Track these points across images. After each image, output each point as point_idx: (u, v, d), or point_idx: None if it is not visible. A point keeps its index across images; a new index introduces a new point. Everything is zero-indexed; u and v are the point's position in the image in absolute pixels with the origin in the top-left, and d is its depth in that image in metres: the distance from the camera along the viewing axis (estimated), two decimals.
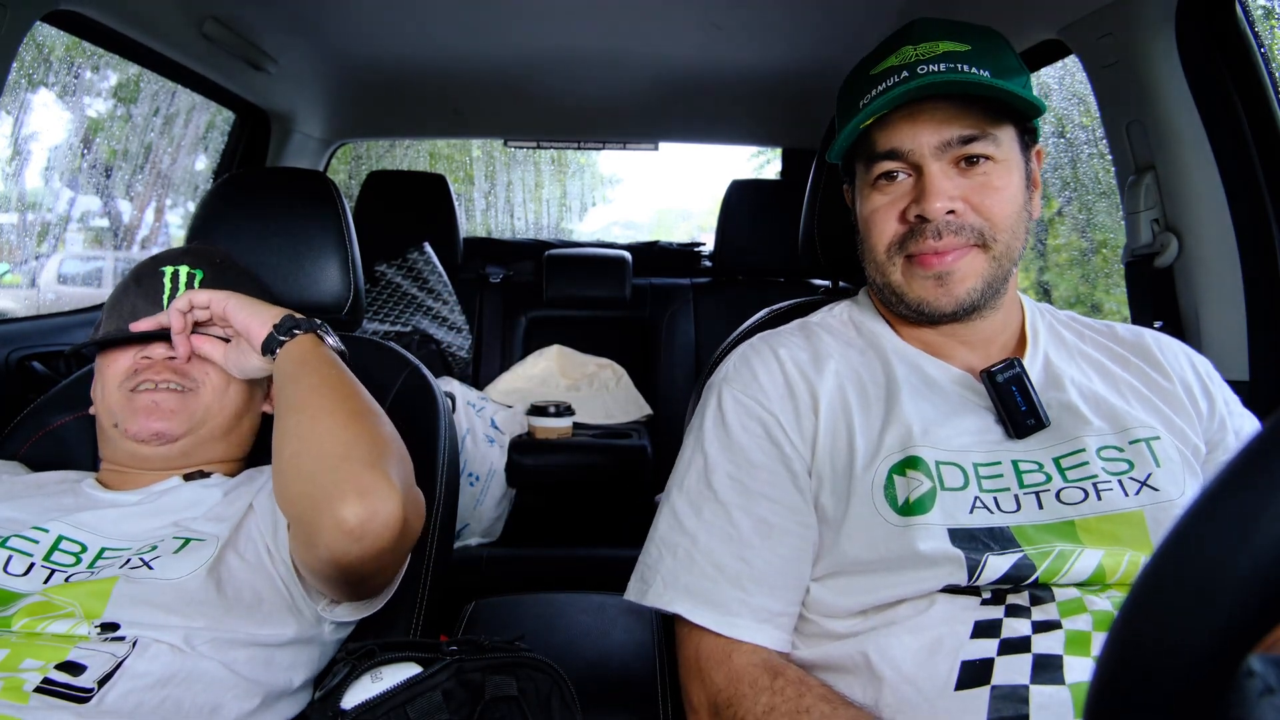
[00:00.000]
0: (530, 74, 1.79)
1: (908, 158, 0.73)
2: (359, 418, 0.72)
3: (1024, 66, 0.75)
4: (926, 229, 0.72)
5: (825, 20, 1.47)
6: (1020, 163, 0.74)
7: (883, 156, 0.74)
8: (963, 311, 0.74)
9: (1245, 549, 0.23)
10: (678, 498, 0.75)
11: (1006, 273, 0.74)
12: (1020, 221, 0.73)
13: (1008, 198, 0.72)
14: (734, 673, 0.66)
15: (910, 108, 0.72)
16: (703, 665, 0.69)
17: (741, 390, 0.77)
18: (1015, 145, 0.73)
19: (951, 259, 0.72)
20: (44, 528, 0.76)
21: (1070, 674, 0.57)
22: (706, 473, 0.74)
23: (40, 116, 2.00)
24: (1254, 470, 0.25)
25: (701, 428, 0.78)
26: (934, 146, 0.71)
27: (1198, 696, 0.24)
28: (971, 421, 0.72)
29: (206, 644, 0.69)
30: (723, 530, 0.71)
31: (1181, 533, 0.26)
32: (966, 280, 0.73)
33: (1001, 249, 0.72)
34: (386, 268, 2.09)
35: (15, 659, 0.64)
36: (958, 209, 0.71)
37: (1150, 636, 0.25)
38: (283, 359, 0.78)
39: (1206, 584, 0.24)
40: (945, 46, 0.72)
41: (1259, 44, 0.97)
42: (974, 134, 0.71)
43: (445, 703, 0.63)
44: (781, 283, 2.17)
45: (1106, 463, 0.69)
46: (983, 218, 0.72)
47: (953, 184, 0.71)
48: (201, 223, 1.06)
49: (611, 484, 1.86)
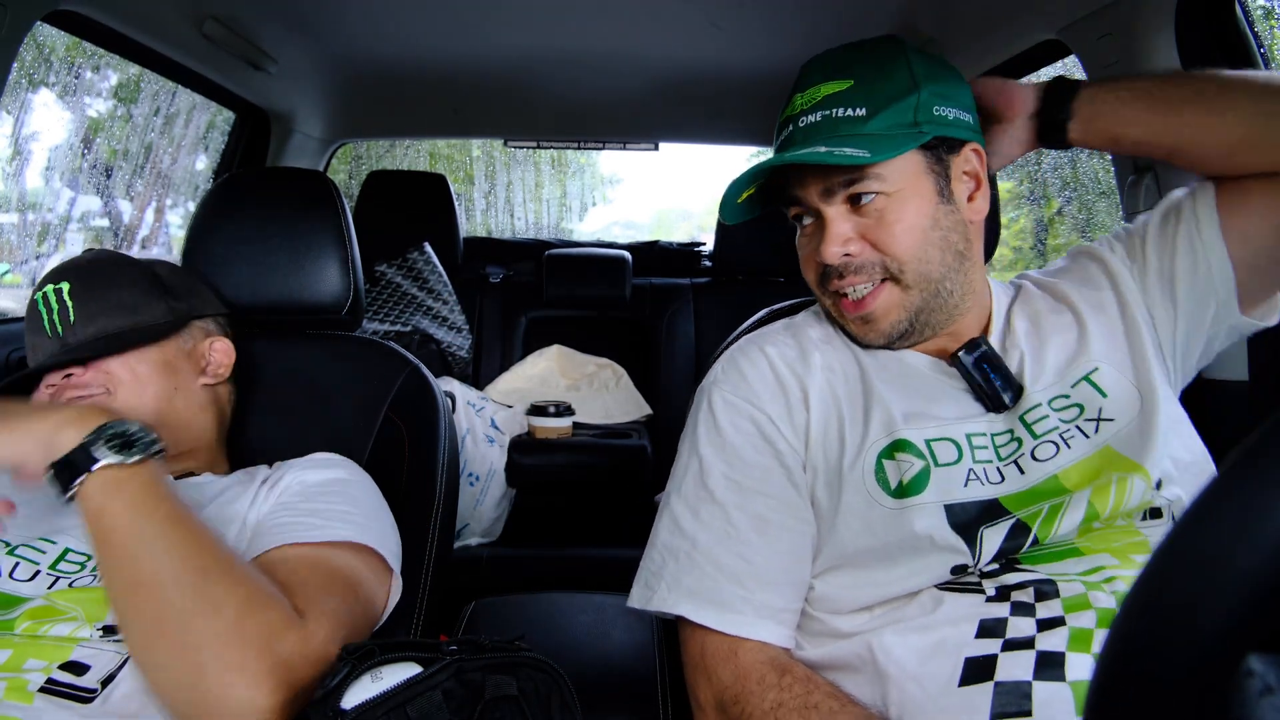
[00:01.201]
0: (530, 74, 1.79)
1: (804, 202, 0.76)
2: (196, 614, 0.58)
3: (919, 81, 0.72)
4: (832, 270, 0.75)
5: (825, 20, 1.47)
6: (926, 183, 0.73)
7: (789, 202, 0.78)
8: (896, 340, 0.77)
9: (1245, 548, 0.23)
10: (676, 502, 0.76)
11: (934, 293, 0.75)
12: (929, 245, 0.73)
13: (905, 228, 0.72)
14: (740, 670, 0.67)
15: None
16: (708, 663, 0.69)
17: (731, 391, 0.77)
18: (913, 169, 0.72)
19: (869, 302, 0.75)
20: (52, 540, 0.77)
21: (1071, 671, 0.57)
22: (702, 475, 0.75)
23: (41, 116, 2.00)
24: (1253, 470, 0.25)
25: (695, 432, 0.78)
26: (819, 194, 0.74)
27: (1197, 696, 0.24)
28: (953, 401, 0.74)
29: None
30: (721, 530, 0.72)
31: (1181, 532, 0.26)
32: (889, 315, 0.75)
33: (913, 276, 0.73)
34: (386, 268, 2.09)
35: (18, 659, 0.64)
36: (854, 250, 0.73)
37: (1150, 636, 0.25)
38: (82, 514, 0.62)
39: (1206, 583, 0.24)
40: (825, 90, 0.74)
41: (1259, 44, 0.97)
42: (853, 177, 0.72)
43: (445, 703, 0.63)
44: (781, 283, 2.17)
45: (1060, 413, 0.72)
46: (881, 253, 0.73)
47: (849, 224, 0.73)
48: (201, 223, 1.05)
49: (611, 484, 1.86)
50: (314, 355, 1.09)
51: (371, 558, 0.77)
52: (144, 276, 0.91)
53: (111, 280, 0.88)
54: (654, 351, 2.16)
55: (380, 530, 0.81)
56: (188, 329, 0.93)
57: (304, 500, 0.80)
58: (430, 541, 0.94)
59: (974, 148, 0.77)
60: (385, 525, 0.83)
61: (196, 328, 0.94)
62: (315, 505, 0.79)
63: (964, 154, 0.76)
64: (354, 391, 1.06)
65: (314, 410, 1.05)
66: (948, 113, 0.73)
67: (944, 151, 0.74)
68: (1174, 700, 0.24)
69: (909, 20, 1.42)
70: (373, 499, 0.86)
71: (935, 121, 0.72)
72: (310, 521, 0.76)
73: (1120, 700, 0.26)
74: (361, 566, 0.75)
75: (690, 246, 2.57)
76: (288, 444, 1.01)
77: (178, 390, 0.89)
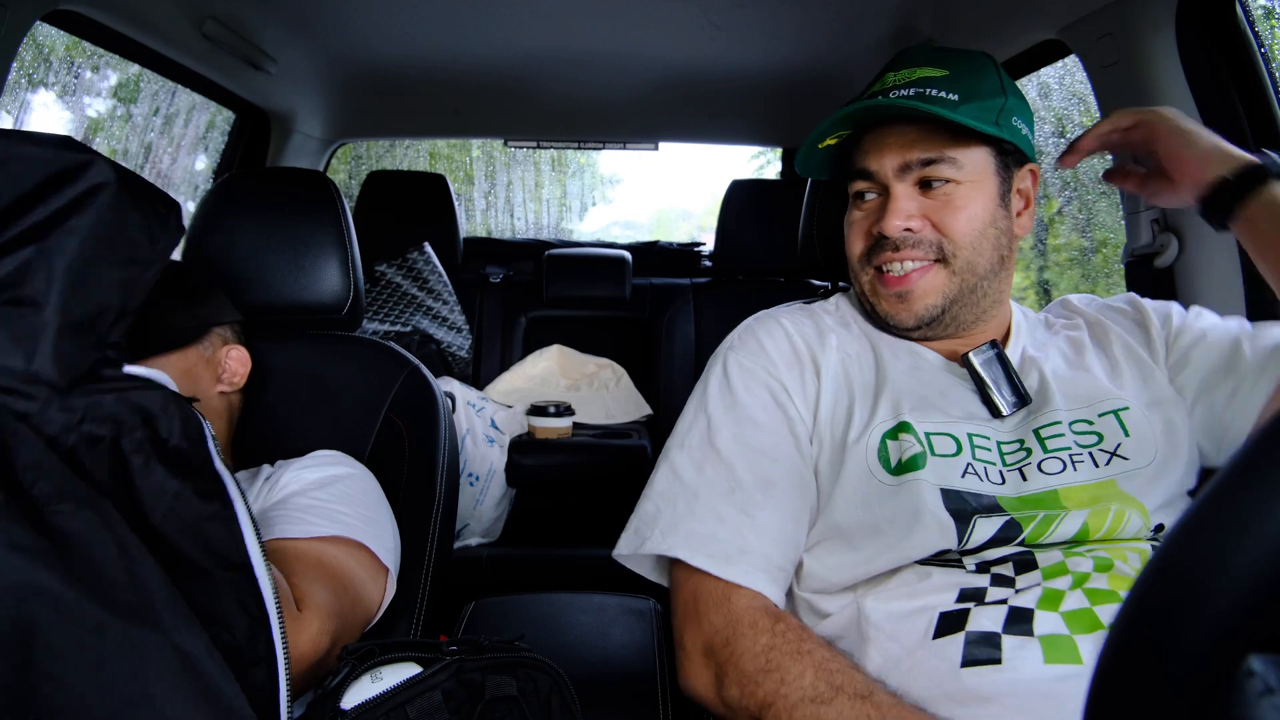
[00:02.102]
0: (530, 74, 1.79)
1: (875, 177, 0.78)
2: None
3: (1006, 91, 0.76)
4: (886, 243, 0.77)
5: (825, 20, 1.47)
6: (992, 183, 0.77)
7: (856, 175, 0.80)
8: (924, 325, 0.78)
9: (1246, 548, 0.23)
10: (678, 455, 0.76)
11: (974, 287, 0.77)
12: (985, 239, 0.76)
13: (968, 216, 0.75)
14: (733, 615, 0.67)
15: (877, 131, 0.77)
16: (700, 608, 0.69)
17: (747, 357, 0.79)
18: (985, 167, 0.76)
19: (913, 278, 0.77)
20: None
21: (1040, 626, 0.60)
22: (710, 433, 0.75)
23: (40, 116, 2.00)
24: (1254, 469, 0.25)
25: (705, 392, 0.79)
26: (895, 168, 0.76)
27: (1197, 696, 0.24)
28: (960, 400, 0.75)
29: None
30: (725, 485, 0.72)
31: (1182, 531, 0.26)
32: (926, 296, 0.77)
33: (962, 264, 0.76)
34: (386, 268, 2.09)
35: None
36: (915, 226, 0.76)
37: (1150, 636, 0.25)
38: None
39: (1206, 583, 0.24)
40: (921, 73, 0.76)
41: (1259, 44, 0.97)
42: (933, 157, 0.75)
43: (445, 703, 0.63)
44: (781, 283, 2.17)
45: (1078, 436, 0.72)
46: (941, 234, 0.76)
47: (914, 203, 0.76)
48: (201, 223, 1.05)
49: (611, 484, 1.86)
50: (314, 355, 1.09)
51: (363, 554, 0.77)
52: (168, 281, 0.91)
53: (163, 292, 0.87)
54: (654, 351, 2.15)
55: (375, 528, 0.81)
56: (208, 336, 0.93)
57: (299, 496, 0.80)
58: (430, 541, 0.94)
59: (1032, 168, 0.80)
60: (382, 523, 0.83)
61: (215, 335, 0.95)
62: (309, 502, 0.80)
63: (1023, 171, 0.80)
64: (354, 392, 1.06)
65: (314, 410, 1.05)
66: (1022, 127, 0.77)
67: (1012, 162, 0.78)
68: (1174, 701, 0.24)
69: (909, 20, 1.42)
70: (371, 496, 0.86)
71: (1013, 130, 0.76)
72: (302, 517, 0.77)
73: (1120, 702, 0.26)
74: (353, 562, 0.75)
75: (690, 246, 2.57)
76: (288, 444, 1.01)
77: (198, 400, 0.90)
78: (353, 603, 0.73)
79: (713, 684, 0.66)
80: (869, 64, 1.61)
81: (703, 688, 0.68)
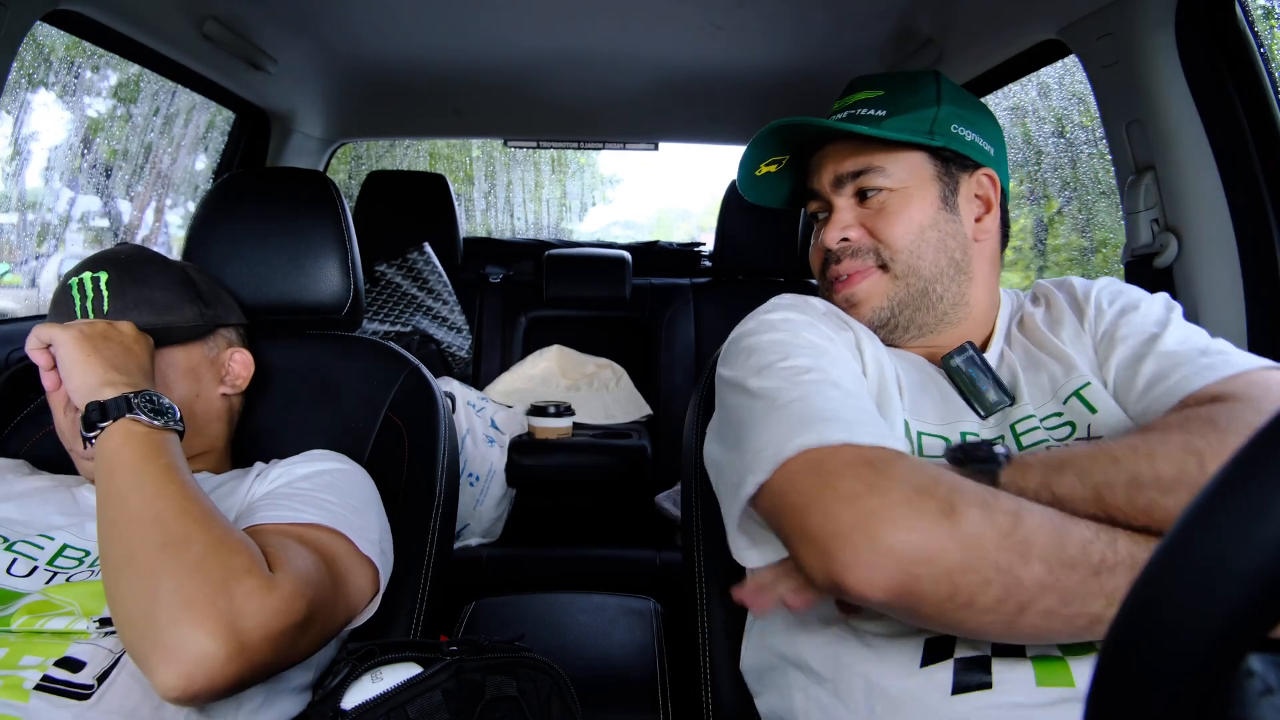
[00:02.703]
0: (530, 74, 1.79)
1: (820, 195, 0.83)
2: (164, 546, 0.61)
3: (941, 100, 0.80)
4: (831, 255, 0.81)
5: (825, 20, 1.47)
6: (932, 189, 0.79)
7: (808, 198, 0.85)
8: (877, 328, 0.79)
9: (1246, 547, 0.23)
10: (759, 388, 0.66)
11: (922, 292, 0.78)
12: (924, 243, 0.78)
13: (903, 221, 0.78)
14: (909, 466, 0.56)
15: (818, 153, 0.83)
16: (869, 477, 0.55)
17: (789, 312, 0.75)
18: (921, 173, 0.79)
19: (851, 284, 0.80)
20: (50, 535, 0.77)
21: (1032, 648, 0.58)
22: (788, 361, 0.67)
23: (40, 116, 2.00)
24: (1254, 469, 0.25)
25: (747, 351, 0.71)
26: (830, 182, 0.81)
27: (1197, 696, 0.24)
28: (948, 402, 0.76)
29: None
30: (823, 381, 0.64)
31: (1181, 531, 0.26)
32: (870, 300, 0.79)
33: (902, 268, 0.78)
34: (386, 268, 2.09)
35: (14, 656, 0.64)
36: (853, 236, 0.79)
37: (1150, 636, 0.25)
38: (97, 454, 0.68)
39: (1206, 583, 0.24)
40: (859, 97, 0.81)
41: (1259, 44, 0.97)
42: (862, 168, 0.78)
43: (445, 703, 0.63)
44: (781, 283, 2.17)
45: (1051, 430, 0.72)
46: (878, 241, 0.78)
47: (851, 214, 0.80)
48: (201, 222, 1.06)
49: (611, 484, 1.86)
50: (314, 355, 1.09)
51: (345, 544, 0.75)
52: (178, 278, 0.91)
53: (148, 277, 0.88)
54: (654, 351, 2.16)
55: (359, 519, 0.79)
56: (214, 336, 0.94)
57: (286, 488, 0.80)
58: (430, 541, 0.94)
59: (987, 173, 0.81)
60: (368, 518, 0.81)
61: (221, 336, 0.96)
62: (295, 491, 0.79)
63: (976, 176, 0.81)
64: (354, 392, 1.06)
65: (314, 411, 1.05)
66: (964, 133, 0.79)
67: (955, 167, 0.80)
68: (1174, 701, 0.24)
69: (909, 20, 1.42)
70: (361, 492, 0.84)
71: (950, 136, 0.79)
72: (286, 504, 0.76)
73: (1121, 702, 0.26)
74: (334, 547, 0.73)
75: (690, 246, 2.57)
76: (288, 444, 1.01)
77: (199, 397, 0.91)
78: (334, 584, 0.70)
79: (940, 511, 0.52)
80: (869, 64, 1.61)
81: (924, 523, 0.51)
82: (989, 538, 0.51)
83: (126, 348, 0.78)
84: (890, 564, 0.51)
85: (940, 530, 0.51)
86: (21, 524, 0.78)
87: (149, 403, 0.71)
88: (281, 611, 0.61)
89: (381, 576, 0.79)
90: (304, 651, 0.67)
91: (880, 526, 0.51)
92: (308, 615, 0.64)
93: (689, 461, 0.96)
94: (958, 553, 0.50)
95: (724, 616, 0.87)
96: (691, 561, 0.91)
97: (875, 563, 0.51)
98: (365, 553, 0.76)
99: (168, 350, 0.88)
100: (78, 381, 0.72)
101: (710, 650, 0.86)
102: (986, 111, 0.84)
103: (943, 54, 1.43)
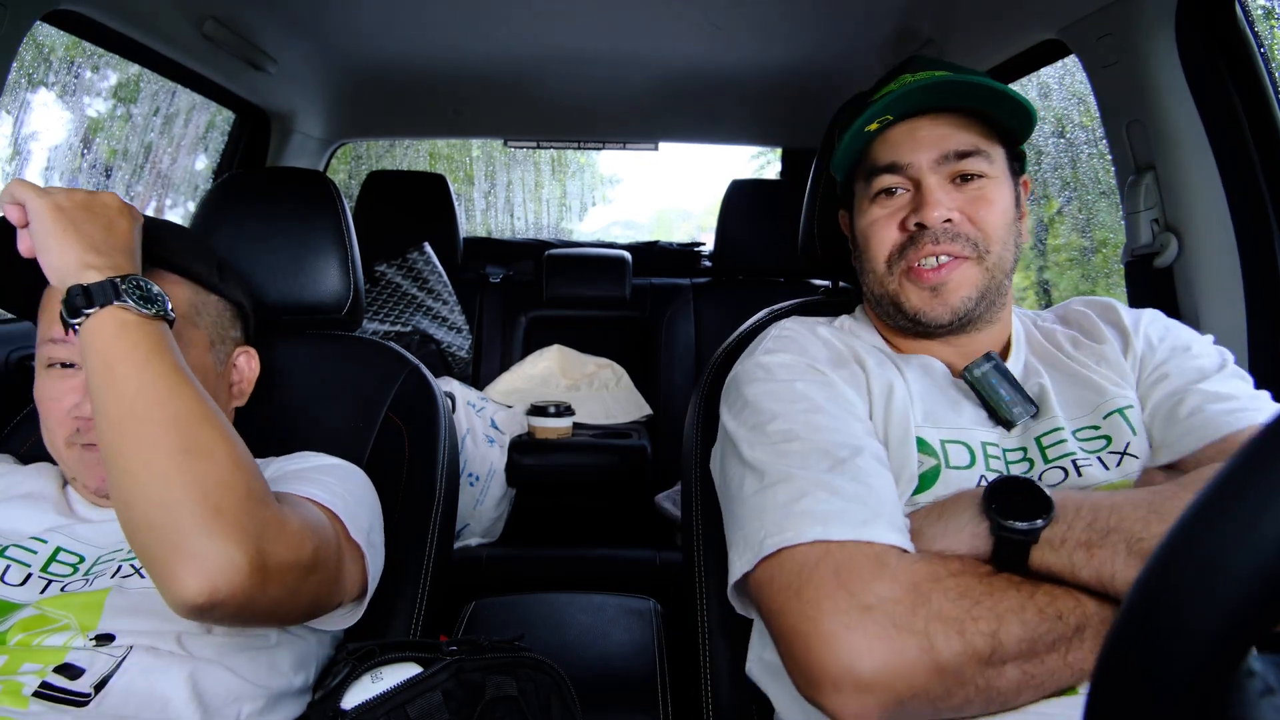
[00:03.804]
0: (530, 74, 1.79)
1: (906, 171, 0.76)
2: (188, 452, 0.59)
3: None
4: (925, 236, 0.75)
5: (825, 20, 1.47)
6: (1009, 184, 0.78)
7: (883, 170, 0.77)
8: (958, 321, 0.76)
9: (1246, 548, 0.23)
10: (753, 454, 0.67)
11: (1000, 285, 0.77)
12: (1010, 236, 0.77)
13: (1000, 210, 0.76)
14: (904, 574, 0.56)
15: (910, 123, 0.76)
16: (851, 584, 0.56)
17: (786, 355, 0.75)
18: (1005, 167, 0.78)
19: (945, 271, 0.75)
20: (43, 539, 0.76)
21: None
22: (777, 424, 0.68)
23: (40, 116, 2.00)
24: (1254, 469, 0.25)
25: (745, 403, 0.72)
26: (932, 160, 0.75)
27: (1197, 696, 0.24)
28: (968, 411, 0.75)
29: (204, 648, 0.69)
30: (817, 458, 0.64)
31: (1182, 531, 0.26)
32: (960, 289, 0.75)
33: (994, 260, 0.76)
34: (386, 268, 2.09)
35: (13, 664, 0.64)
36: (954, 219, 0.75)
37: (1150, 636, 0.25)
38: (85, 344, 0.62)
39: (1207, 583, 0.24)
40: (941, 75, 0.76)
41: (1259, 44, 0.97)
42: (970, 149, 0.74)
43: (445, 703, 0.63)
44: (781, 283, 2.17)
45: (1083, 442, 0.72)
46: (977, 229, 0.75)
47: (950, 197, 0.75)
48: (201, 223, 1.05)
49: (611, 484, 1.86)
50: (314, 355, 1.09)
51: (339, 525, 0.74)
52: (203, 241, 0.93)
53: (185, 233, 0.90)
54: (654, 351, 2.16)
55: (355, 509, 0.77)
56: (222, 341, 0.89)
57: (279, 478, 0.78)
58: (430, 541, 0.94)
59: (1025, 180, 0.82)
60: (363, 509, 0.80)
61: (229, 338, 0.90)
62: (289, 471, 0.79)
63: (1022, 180, 0.81)
64: (354, 392, 1.06)
65: (314, 410, 1.05)
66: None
67: (1019, 167, 0.80)
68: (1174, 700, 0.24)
69: (909, 21, 1.42)
70: (357, 486, 0.83)
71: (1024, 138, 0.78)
72: (285, 483, 0.75)
73: (1121, 702, 0.26)
74: (328, 524, 0.72)
75: (690, 246, 2.57)
76: (287, 444, 1.01)
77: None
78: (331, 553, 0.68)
79: (920, 648, 0.53)
80: (869, 64, 1.61)
81: (903, 662, 0.53)
82: (969, 666, 0.53)
83: (109, 223, 0.68)
84: (872, 702, 0.53)
85: (921, 667, 0.53)
86: (13, 531, 0.77)
87: (137, 289, 0.64)
88: (294, 546, 0.61)
89: (370, 570, 0.77)
90: (303, 603, 0.66)
91: (859, 662, 0.53)
92: (314, 559, 0.64)
93: (689, 461, 0.96)
94: (939, 686, 0.53)
95: (724, 616, 0.87)
96: (691, 561, 0.91)
97: (860, 700, 0.53)
98: (354, 538, 0.75)
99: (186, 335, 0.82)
100: (54, 258, 0.64)
101: (710, 650, 0.86)
102: None
103: (943, 54, 1.43)
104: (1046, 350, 0.81)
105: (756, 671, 0.77)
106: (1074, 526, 0.56)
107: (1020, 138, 0.79)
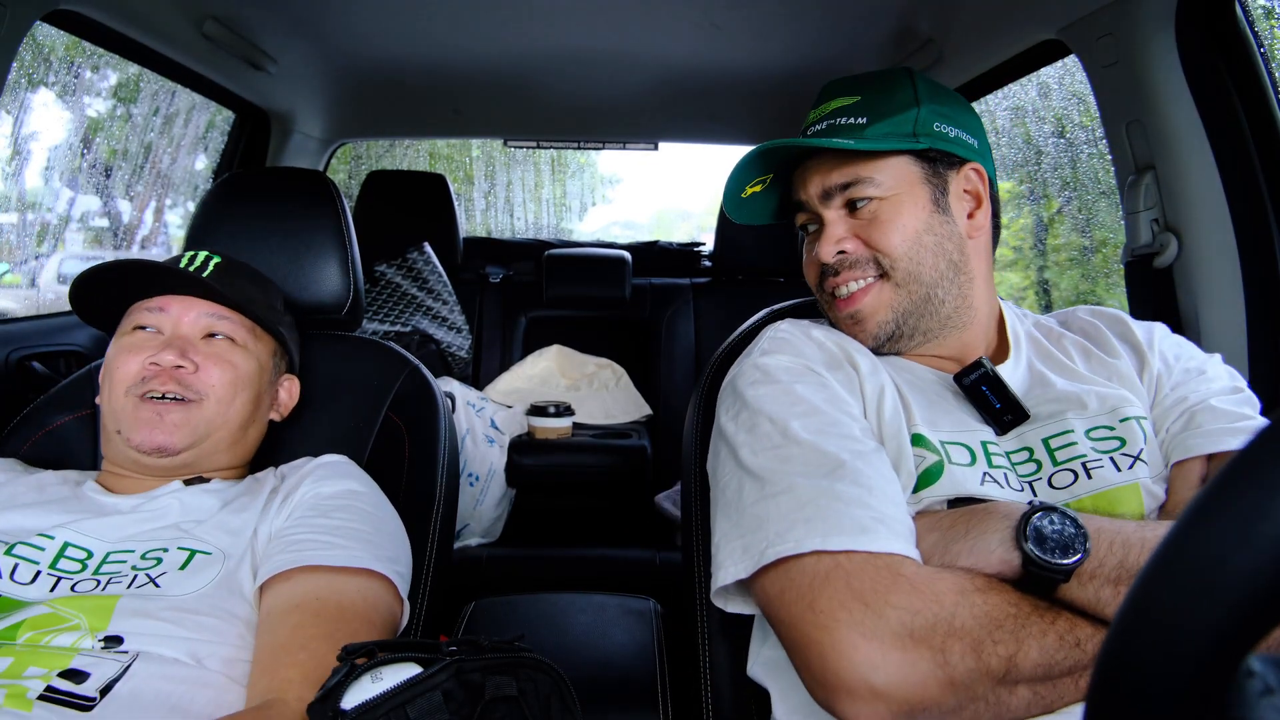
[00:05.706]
0: (530, 74, 1.79)
1: (808, 207, 0.80)
2: None
3: (920, 100, 0.78)
4: (828, 269, 0.79)
5: (825, 20, 1.47)
6: (922, 191, 0.77)
7: (795, 210, 0.83)
8: (884, 342, 0.78)
9: (1246, 548, 0.23)
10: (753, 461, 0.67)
11: (925, 298, 0.77)
12: (922, 248, 0.77)
13: (899, 228, 0.76)
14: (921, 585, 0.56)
15: (802, 166, 0.81)
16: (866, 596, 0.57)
17: (783, 357, 0.76)
18: (909, 177, 0.77)
19: (857, 299, 0.78)
20: (50, 534, 0.77)
21: None
22: (777, 429, 0.67)
23: (40, 116, 2.00)
24: (1254, 469, 0.25)
25: (743, 405, 0.72)
26: (818, 196, 0.79)
27: (1197, 696, 0.24)
28: (962, 414, 0.75)
29: (212, 658, 0.69)
30: (818, 464, 0.64)
31: (1181, 531, 0.26)
32: (876, 313, 0.78)
33: (903, 275, 0.77)
34: (386, 268, 2.09)
35: (19, 667, 0.64)
36: (848, 248, 0.77)
37: (1149, 636, 0.25)
38: None
39: (1207, 583, 0.24)
40: (835, 104, 0.79)
41: (1259, 44, 0.97)
42: (849, 180, 0.77)
43: (445, 703, 0.63)
44: (781, 283, 2.17)
45: (1096, 442, 0.71)
46: (874, 250, 0.77)
47: (845, 226, 0.78)
48: (201, 222, 1.05)
49: (611, 484, 1.86)
50: (314, 355, 1.09)
51: (387, 588, 0.77)
52: (278, 293, 0.99)
53: (256, 276, 0.96)
54: (654, 351, 2.16)
55: (394, 550, 0.81)
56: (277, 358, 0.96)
57: (319, 515, 0.79)
58: (430, 541, 0.94)
59: (975, 167, 0.80)
60: (399, 543, 0.83)
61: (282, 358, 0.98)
62: (332, 522, 0.79)
63: (964, 172, 0.79)
64: (354, 392, 1.06)
65: (314, 410, 1.05)
66: (948, 130, 0.78)
67: (942, 166, 0.78)
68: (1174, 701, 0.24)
69: (909, 20, 1.42)
70: (385, 513, 0.86)
71: (934, 136, 0.77)
72: (328, 540, 0.76)
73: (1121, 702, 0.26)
74: (376, 599, 0.74)
75: (690, 246, 2.57)
76: (288, 444, 1.01)
77: (254, 423, 0.92)
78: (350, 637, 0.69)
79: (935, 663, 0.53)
80: (869, 64, 1.61)
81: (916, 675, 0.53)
82: (981, 684, 0.53)
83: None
84: (885, 709, 0.54)
85: (934, 681, 0.53)
86: (21, 528, 0.77)
87: None
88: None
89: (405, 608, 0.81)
90: None
91: (874, 674, 0.53)
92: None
93: (689, 462, 0.96)
94: (952, 699, 0.53)
95: (724, 617, 0.87)
96: (691, 561, 0.91)
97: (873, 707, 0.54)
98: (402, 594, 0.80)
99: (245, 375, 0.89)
100: None
101: (710, 650, 0.86)
102: (965, 104, 0.82)
103: (943, 54, 1.43)
104: (1052, 355, 0.81)
105: (758, 671, 0.77)
106: (1105, 563, 0.56)
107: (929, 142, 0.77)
